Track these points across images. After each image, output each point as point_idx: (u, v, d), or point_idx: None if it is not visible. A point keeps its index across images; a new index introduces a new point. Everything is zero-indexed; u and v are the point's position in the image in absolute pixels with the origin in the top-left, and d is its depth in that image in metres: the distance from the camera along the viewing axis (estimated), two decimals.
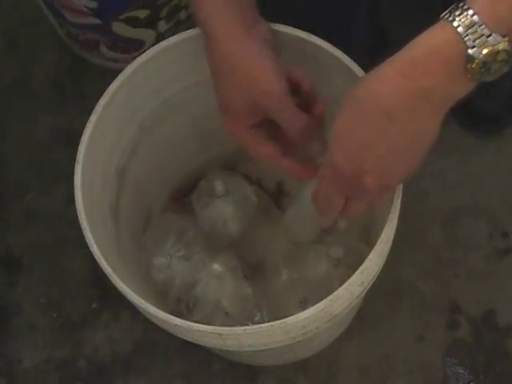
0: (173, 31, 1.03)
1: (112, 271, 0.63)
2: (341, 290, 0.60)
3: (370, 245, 0.63)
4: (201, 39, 0.66)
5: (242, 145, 0.68)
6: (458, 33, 0.50)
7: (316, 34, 0.70)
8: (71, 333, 0.99)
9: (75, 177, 0.67)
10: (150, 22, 1.01)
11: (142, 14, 0.98)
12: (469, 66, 0.51)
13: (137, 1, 0.96)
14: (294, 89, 0.66)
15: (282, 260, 0.84)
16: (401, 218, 0.65)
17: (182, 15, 1.03)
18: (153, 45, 0.72)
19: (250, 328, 0.59)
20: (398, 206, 0.64)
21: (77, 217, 0.65)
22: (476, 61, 0.50)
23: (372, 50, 0.96)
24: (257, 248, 0.87)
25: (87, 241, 0.64)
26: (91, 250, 0.64)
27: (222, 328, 0.59)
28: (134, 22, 0.99)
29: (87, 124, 0.69)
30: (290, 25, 0.70)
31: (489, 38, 0.50)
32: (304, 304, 0.80)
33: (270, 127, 0.67)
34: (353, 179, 0.58)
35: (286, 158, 0.68)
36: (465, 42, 0.50)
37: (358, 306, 0.83)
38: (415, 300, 0.97)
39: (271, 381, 0.94)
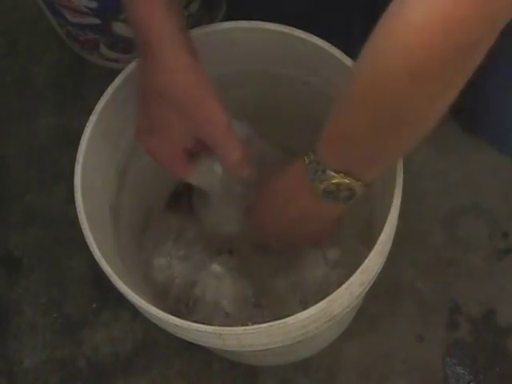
0: None
1: (112, 271, 0.62)
2: (341, 290, 0.60)
3: (369, 246, 0.63)
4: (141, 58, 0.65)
5: (164, 163, 0.68)
6: (305, 166, 0.62)
7: (316, 34, 0.70)
8: (71, 333, 0.99)
9: (75, 177, 0.67)
10: None
11: None
12: (315, 193, 0.62)
13: None
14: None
15: (281, 261, 0.84)
16: (401, 218, 0.65)
17: None
18: None
19: (250, 328, 0.59)
20: (398, 206, 0.64)
21: (77, 217, 0.65)
22: (316, 191, 0.62)
23: None
24: (257, 248, 0.87)
25: (87, 241, 0.64)
26: (91, 249, 0.64)
27: (221, 328, 0.59)
28: None
29: (87, 124, 0.69)
30: (289, 25, 0.70)
31: (324, 173, 0.60)
32: (304, 304, 0.80)
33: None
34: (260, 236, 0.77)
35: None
36: (307, 176, 0.62)
37: (358, 305, 0.83)
38: (415, 300, 0.97)
39: (271, 381, 0.94)
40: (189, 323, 0.60)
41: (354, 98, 0.55)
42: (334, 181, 0.60)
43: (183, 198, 0.91)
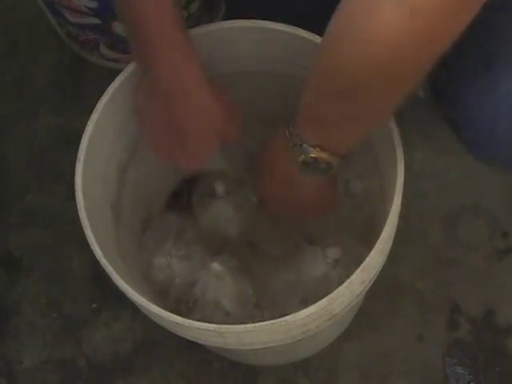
0: None
1: (113, 269, 0.62)
2: (341, 289, 0.60)
3: (370, 246, 0.63)
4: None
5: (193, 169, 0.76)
6: (286, 138, 0.65)
7: (317, 33, 0.70)
8: (71, 333, 0.99)
9: (76, 175, 0.67)
10: None
11: None
12: (295, 165, 0.66)
13: None
14: None
15: (281, 260, 0.84)
16: (401, 217, 0.65)
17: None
18: None
19: (251, 326, 0.59)
20: (399, 206, 0.64)
21: (77, 217, 0.65)
22: (295, 162, 0.65)
23: None
24: (257, 248, 0.87)
25: (88, 239, 0.64)
26: (92, 248, 0.64)
27: (222, 326, 0.59)
28: None
29: (88, 123, 0.69)
30: (291, 24, 0.71)
31: (301, 147, 0.64)
32: (304, 304, 0.80)
33: None
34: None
35: None
36: (288, 148, 0.65)
37: (358, 305, 0.83)
38: (415, 300, 0.97)
39: (271, 381, 0.94)
40: (190, 321, 0.60)
41: (328, 88, 0.58)
42: (311, 155, 0.64)
43: (183, 197, 0.91)
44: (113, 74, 0.71)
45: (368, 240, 0.73)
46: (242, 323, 0.76)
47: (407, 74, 0.54)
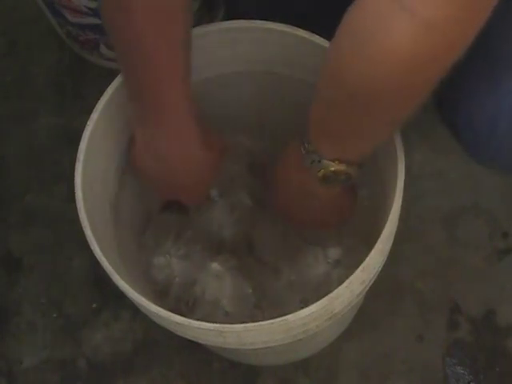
0: None
1: (113, 269, 0.62)
2: (341, 288, 0.60)
3: (370, 247, 0.63)
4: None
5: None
6: (302, 155, 0.64)
7: (317, 33, 0.70)
8: (71, 333, 0.99)
9: (76, 175, 0.67)
10: None
11: None
12: (314, 179, 0.65)
13: None
14: None
15: (281, 260, 0.84)
16: (401, 218, 0.65)
17: None
18: None
19: (251, 325, 0.59)
20: (399, 205, 0.64)
21: (77, 217, 0.65)
22: (314, 178, 0.65)
23: None
24: (257, 248, 0.87)
25: (88, 239, 0.64)
26: (92, 248, 0.64)
27: (222, 325, 0.59)
28: None
29: (88, 122, 0.69)
30: (291, 24, 0.71)
31: (320, 163, 0.63)
32: (304, 303, 0.80)
33: None
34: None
35: None
36: (306, 164, 0.64)
37: (358, 304, 0.83)
38: (415, 300, 0.97)
39: (271, 381, 0.94)
40: (190, 321, 0.60)
41: (339, 102, 0.57)
42: (331, 169, 0.63)
43: None
44: (113, 74, 0.71)
45: (369, 240, 0.73)
46: (242, 323, 0.76)
47: (421, 85, 0.53)
